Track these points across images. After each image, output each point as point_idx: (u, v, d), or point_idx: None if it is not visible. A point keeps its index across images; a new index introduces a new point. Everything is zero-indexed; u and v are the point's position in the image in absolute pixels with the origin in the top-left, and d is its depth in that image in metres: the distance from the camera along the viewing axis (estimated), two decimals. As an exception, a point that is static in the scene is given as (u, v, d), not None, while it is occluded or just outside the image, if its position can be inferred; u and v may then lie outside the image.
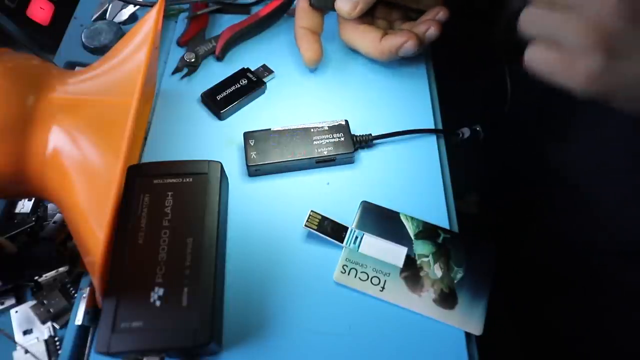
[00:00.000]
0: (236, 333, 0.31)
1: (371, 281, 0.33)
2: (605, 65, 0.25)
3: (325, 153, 0.37)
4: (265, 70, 0.44)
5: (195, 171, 0.32)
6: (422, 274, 0.33)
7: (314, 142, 0.37)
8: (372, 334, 0.31)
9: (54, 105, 0.31)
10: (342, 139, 0.37)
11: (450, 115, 0.44)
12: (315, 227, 0.34)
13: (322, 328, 0.32)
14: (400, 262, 0.33)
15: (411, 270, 0.33)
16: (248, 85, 0.42)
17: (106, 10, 0.48)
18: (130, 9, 0.48)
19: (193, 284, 0.28)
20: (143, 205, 0.30)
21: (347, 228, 0.34)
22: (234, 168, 0.38)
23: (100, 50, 0.45)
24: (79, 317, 0.31)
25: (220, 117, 0.41)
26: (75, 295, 0.34)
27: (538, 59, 0.29)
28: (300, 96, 0.43)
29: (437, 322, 0.32)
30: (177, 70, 0.44)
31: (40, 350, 0.33)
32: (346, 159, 0.38)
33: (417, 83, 0.44)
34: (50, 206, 0.39)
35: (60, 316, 0.34)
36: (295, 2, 0.47)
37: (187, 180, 0.31)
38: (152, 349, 0.26)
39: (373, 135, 0.39)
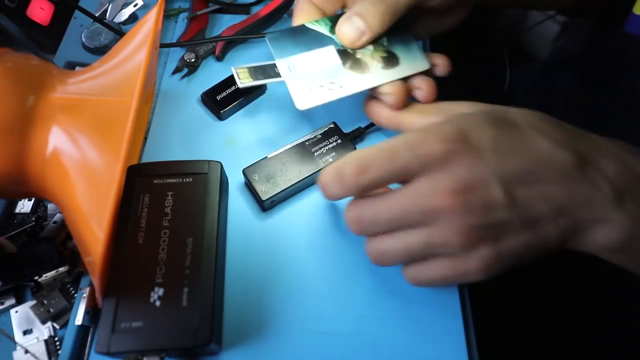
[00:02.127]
0: (236, 333, 0.31)
1: (328, 88, 0.34)
2: (494, 252, 0.25)
3: (331, 160, 0.36)
4: (265, 70, 0.44)
5: (195, 171, 0.32)
6: (358, 56, 0.35)
7: (315, 154, 0.36)
8: (371, 333, 0.31)
9: (54, 105, 0.31)
10: (339, 140, 0.37)
11: None
12: (251, 79, 0.33)
13: (322, 328, 0.32)
14: (337, 60, 0.34)
15: (350, 59, 0.35)
16: (248, 85, 0.42)
17: (106, 10, 0.48)
18: (130, 9, 0.48)
19: (193, 284, 0.28)
20: (143, 205, 0.30)
21: (273, 64, 0.34)
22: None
23: (100, 50, 0.45)
24: (79, 317, 0.31)
25: (220, 117, 0.41)
26: (75, 295, 0.34)
27: (423, 278, 0.28)
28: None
29: (437, 319, 0.32)
30: (177, 70, 0.44)
31: (40, 350, 0.33)
32: None
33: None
34: (50, 206, 0.39)
35: (60, 316, 0.34)
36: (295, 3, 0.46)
37: (187, 180, 0.31)
38: (152, 349, 0.26)
39: (362, 127, 0.39)
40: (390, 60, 0.35)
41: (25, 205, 0.39)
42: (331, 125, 0.38)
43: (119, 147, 0.28)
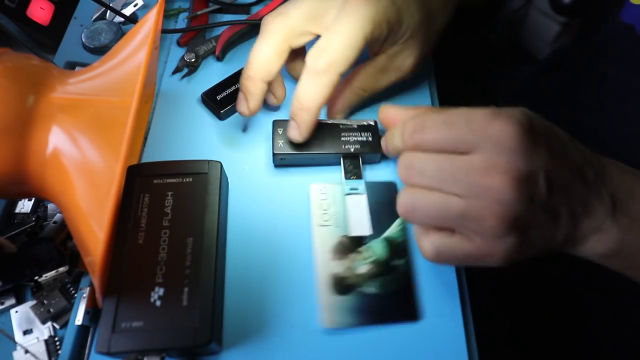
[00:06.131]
0: (236, 333, 0.31)
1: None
2: (519, 242, 0.27)
3: (352, 150, 0.37)
4: (265, 70, 0.44)
5: (195, 171, 0.32)
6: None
7: (342, 138, 0.37)
8: (371, 335, 0.31)
9: (54, 105, 0.31)
10: (370, 138, 0.37)
11: None
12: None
13: (322, 328, 0.32)
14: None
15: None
16: (248, 85, 0.42)
17: (106, 10, 0.48)
18: (130, 9, 0.48)
19: (193, 284, 0.28)
20: (143, 205, 0.30)
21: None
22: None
23: (100, 50, 0.45)
24: (79, 317, 0.31)
25: (220, 117, 0.41)
26: (75, 295, 0.34)
27: (445, 252, 0.28)
28: (300, 96, 0.43)
29: (437, 319, 0.32)
30: (177, 70, 0.44)
31: (40, 350, 0.33)
32: (371, 159, 0.38)
33: (420, 84, 0.44)
34: (50, 206, 0.39)
35: (60, 316, 0.34)
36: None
37: (187, 180, 0.31)
38: (152, 349, 0.26)
39: None
40: None
41: (25, 205, 0.39)
42: (372, 123, 0.38)
43: (119, 147, 0.28)
